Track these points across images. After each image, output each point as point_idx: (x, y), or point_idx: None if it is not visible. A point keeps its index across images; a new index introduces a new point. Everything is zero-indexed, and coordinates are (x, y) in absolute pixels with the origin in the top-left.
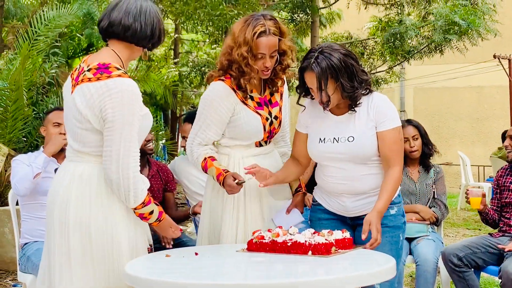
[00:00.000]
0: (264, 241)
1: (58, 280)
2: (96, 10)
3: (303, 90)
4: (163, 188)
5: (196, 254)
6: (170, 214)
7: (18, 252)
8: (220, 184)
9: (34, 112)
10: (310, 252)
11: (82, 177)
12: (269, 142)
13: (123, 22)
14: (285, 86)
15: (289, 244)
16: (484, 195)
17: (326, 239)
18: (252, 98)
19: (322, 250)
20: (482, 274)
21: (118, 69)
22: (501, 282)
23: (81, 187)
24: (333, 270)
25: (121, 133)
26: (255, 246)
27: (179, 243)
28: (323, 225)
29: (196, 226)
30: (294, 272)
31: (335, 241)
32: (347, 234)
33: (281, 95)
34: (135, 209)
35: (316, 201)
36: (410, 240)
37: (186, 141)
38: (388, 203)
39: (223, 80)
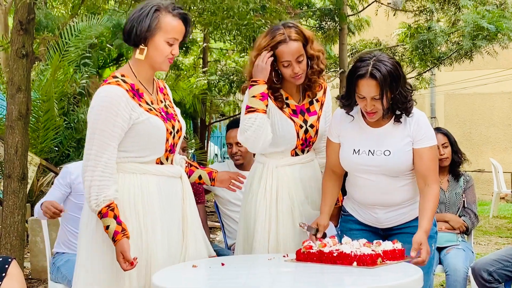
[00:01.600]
0: (311, 251)
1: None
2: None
3: (351, 101)
4: None
5: (223, 264)
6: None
7: (49, 261)
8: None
9: (65, 122)
10: (355, 263)
11: None
12: (308, 151)
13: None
14: (328, 96)
15: (335, 254)
16: None
17: (373, 250)
18: (288, 105)
19: (367, 261)
20: None
21: (115, 77)
22: None
23: None
24: (359, 280)
25: (87, 137)
26: (303, 256)
27: None
28: (355, 235)
29: (225, 235)
30: (320, 281)
31: (382, 252)
32: (398, 245)
33: (322, 104)
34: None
35: (347, 211)
36: (440, 249)
37: (230, 148)
38: (431, 221)
39: None
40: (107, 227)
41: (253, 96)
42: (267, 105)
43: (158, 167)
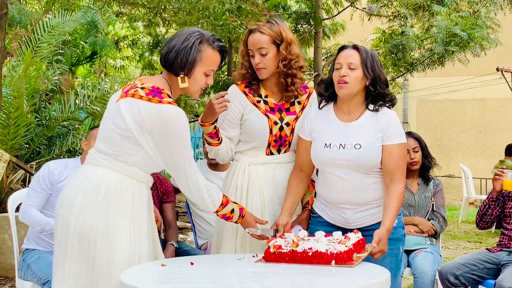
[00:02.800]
0: (283, 251)
1: (53, 276)
2: (99, 18)
3: (328, 94)
4: (160, 200)
5: (192, 263)
6: (169, 225)
7: (17, 259)
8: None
9: (37, 119)
10: (333, 262)
11: (92, 182)
12: (285, 151)
13: (162, 52)
14: (313, 100)
15: (310, 254)
16: None
17: (345, 246)
18: (266, 102)
19: (345, 258)
20: (480, 287)
21: (170, 96)
22: None
23: (89, 191)
24: (329, 281)
25: (183, 157)
26: (274, 256)
27: (181, 251)
28: None
29: (196, 235)
30: (289, 282)
31: (353, 246)
32: (359, 235)
33: (303, 107)
34: (217, 212)
35: (316, 213)
36: (408, 252)
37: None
38: (395, 219)
39: (237, 84)
40: (231, 211)
41: (204, 132)
42: (219, 140)
43: (149, 177)
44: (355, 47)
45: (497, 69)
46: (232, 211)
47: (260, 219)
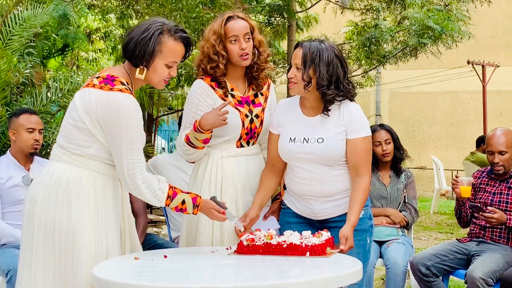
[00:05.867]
0: (257, 243)
1: (20, 275)
2: (72, 11)
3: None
4: None
5: (165, 256)
6: (137, 213)
7: None
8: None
9: (8, 113)
10: (308, 253)
11: (53, 176)
12: (253, 143)
13: (123, 42)
14: (272, 91)
15: (284, 246)
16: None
17: (320, 240)
18: (233, 96)
19: (319, 250)
20: (452, 277)
21: (123, 84)
22: (467, 286)
23: (49, 185)
24: (302, 272)
25: (122, 149)
26: (247, 249)
27: (155, 245)
28: (292, 228)
29: (170, 228)
30: (263, 273)
31: (325, 241)
32: (328, 234)
33: (266, 98)
34: (167, 205)
35: (285, 204)
36: (380, 243)
37: None
38: (359, 214)
39: (202, 78)
40: (182, 203)
41: (196, 137)
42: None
43: (113, 168)
44: (302, 45)
45: (468, 62)
46: (183, 202)
47: (217, 207)
